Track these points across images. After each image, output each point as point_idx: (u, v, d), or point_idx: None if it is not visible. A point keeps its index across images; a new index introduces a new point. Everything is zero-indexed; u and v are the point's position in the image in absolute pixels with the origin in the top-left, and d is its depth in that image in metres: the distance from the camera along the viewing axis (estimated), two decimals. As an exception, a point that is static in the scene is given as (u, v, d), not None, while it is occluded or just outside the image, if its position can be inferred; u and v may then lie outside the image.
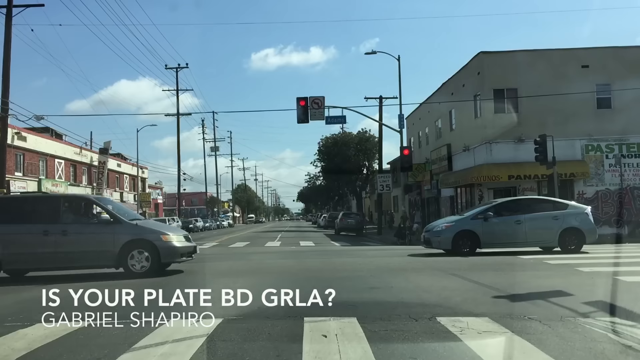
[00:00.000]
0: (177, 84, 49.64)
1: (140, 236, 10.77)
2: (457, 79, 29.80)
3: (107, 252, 10.60)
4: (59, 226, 10.65)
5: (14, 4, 22.75)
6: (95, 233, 10.78)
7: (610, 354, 4.41)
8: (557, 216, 14.25)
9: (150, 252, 10.63)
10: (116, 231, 10.71)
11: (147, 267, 10.60)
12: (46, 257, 10.57)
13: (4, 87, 22.19)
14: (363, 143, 44.97)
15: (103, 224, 10.80)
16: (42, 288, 7.64)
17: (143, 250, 10.64)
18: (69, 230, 10.65)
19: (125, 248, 10.59)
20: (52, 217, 10.76)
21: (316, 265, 12.43)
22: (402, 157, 27.74)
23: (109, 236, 10.66)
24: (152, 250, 10.64)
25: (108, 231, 10.71)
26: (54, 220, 10.71)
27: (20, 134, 32.89)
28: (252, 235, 34.95)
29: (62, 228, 10.64)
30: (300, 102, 23.95)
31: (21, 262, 10.74)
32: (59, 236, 10.56)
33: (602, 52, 25.86)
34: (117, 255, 10.58)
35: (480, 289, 7.94)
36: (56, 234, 10.56)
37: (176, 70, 49.56)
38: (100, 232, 10.75)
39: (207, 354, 4.64)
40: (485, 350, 4.55)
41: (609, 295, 6.98)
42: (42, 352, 4.86)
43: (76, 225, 10.90)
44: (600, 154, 25.31)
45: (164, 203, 72.97)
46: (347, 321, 5.71)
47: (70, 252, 10.55)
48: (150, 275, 10.34)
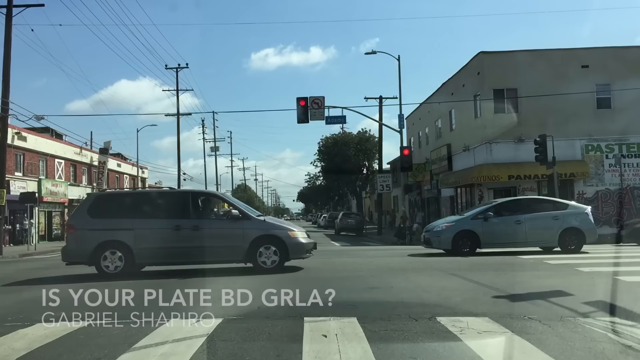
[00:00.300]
0: (177, 84, 49.56)
1: (268, 232, 10.86)
2: (457, 79, 29.81)
3: (237, 248, 10.72)
4: (190, 221, 10.79)
5: (14, 4, 22.74)
6: (226, 228, 10.89)
7: (610, 354, 4.41)
8: (557, 216, 14.25)
9: (278, 247, 10.71)
10: (245, 227, 10.83)
11: (276, 263, 10.68)
12: (177, 252, 10.73)
13: (4, 87, 22.19)
14: (363, 143, 44.97)
15: (233, 219, 10.93)
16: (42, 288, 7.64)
17: (270, 246, 10.71)
18: (200, 226, 10.76)
19: (255, 244, 10.68)
20: (183, 213, 10.90)
21: (316, 265, 12.42)
22: (402, 157, 27.75)
23: (239, 231, 10.77)
24: (280, 246, 10.71)
25: (238, 227, 10.82)
26: (185, 216, 10.85)
27: (20, 134, 32.87)
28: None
29: (194, 223, 10.77)
30: (300, 102, 23.96)
31: (153, 257, 10.86)
32: (190, 231, 10.68)
33: (602, 52, 25.87)
34: (246, 251, 10.69)
35: (480, 289, 7.94)
36: (187, 229, 10.68)
37: (176, 70, 49.49)
38: (230, 227, 10.86)
39: (207, 354, 4.63)
40: (485, 350, 4.55)
41: (609, 295, 6.98)
42: (42, 352, 4.86)
43: (207, 220, 11.11)
44: (600, 154, 25.32)
45: (164, 203, 72.94)
46: (347, 321, 5.71)
47: (201, 247, 10.61)
48: (278, 272, 10.40)
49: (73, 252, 10.89)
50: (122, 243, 10.57)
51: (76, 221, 11.09)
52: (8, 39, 22.28)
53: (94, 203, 11.19)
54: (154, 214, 11.01)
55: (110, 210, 11.03)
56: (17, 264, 17.76)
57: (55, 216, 38.36)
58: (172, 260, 10.96)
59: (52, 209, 37.57)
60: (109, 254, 10.53)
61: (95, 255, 10.54)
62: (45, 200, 35.02)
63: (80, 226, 10.85)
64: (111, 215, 10.89)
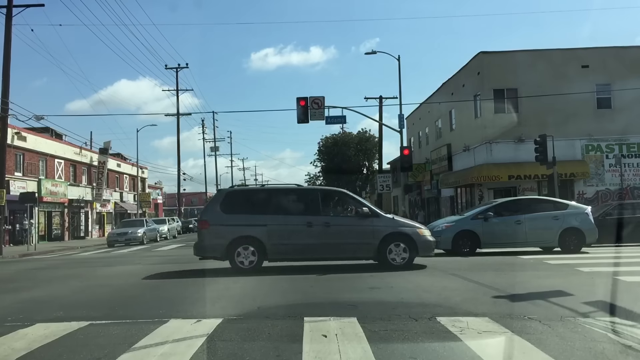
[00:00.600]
0: (177, 84, 49.63)
1: (398, 229, 10.93)
2: (457, 79, 29.81)
3: (367, 245, 10.78)
4: (321, 218, 10.90)
5: (14, 4, 22.77)
6: (356, 225, 10.93)
7: (610, 354, 4.41)
8: (557, 216, 14.25)
9: (407, 245, 10.77)
10: (375, 224, 10.89)
11: (405, 260, 10.73)
12: (308, 248, 10.85)
13: (4, 87, 22.20)
14: (363, 143, 45.01)
15: (362, 216, 10.96)
16: (42, 288, 7.66)
17: (400, 243, 10.77)
18: (331, 223, 10.87)
19: (385, 241, 10.73)
20: (314, 210, 11.02)
21: (316, 265, 12.42)
22: (402, 157, 27.72)
23: (369, 229, 10.83)
24: (409, 244, 10.78)
25: (368, 224, 10.87)
26: (316, 213, 10.96)
27: (20, 134, 32.89)
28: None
29: (325, 220, 10.89)
30: (300, 102, 23.94)
31: (284, 252, 10.98)
32: (321, 228, 10.79)
33: (602, 52, 25.87)
34: (376, 248, 10.75)
35: (480, 289, 7.94)
36: (319, 225, 10.79)
37: (176, 70, 49.56)
38: (361, 224, 10.90)
39: (207, 354, 4.63)
40: (485, 350, 4.55)
41: (609, 295, 6.98)
42: (42, 352, 4.86)
43: (337, 217, 11.18)
44: (600, 154, 25.33)
45: (164, 203, 72.97)
46: (347, 321, 5.71)
47: (332, 243, 10.78)
48: (407, 269, 10.40)
49: (208, 247, 11.03)
50: (256, 239, 10.75)
51: (210, 217, 11.13)
52: (8, 39, 22.30)
53: (226, 199, 11.24)
54: (286, 211, 11.16)
55: (242, 206, 11.15)
56: (17, 264, 17.76)
57: (55, 216, 38.37)
58: (303, 256, 11.11)
59: (52, 209, 37.58)
60: (242, 250, 10.74)
61: (230, 250, 10.73)
62: (45, 200, 35.04)
63: (214, 222, 10.98)
64: (243, 210, 11.03)
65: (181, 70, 49.61)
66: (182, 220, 49.12)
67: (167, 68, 49.83)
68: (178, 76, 49.84)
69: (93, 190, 44.01)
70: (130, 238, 27.76)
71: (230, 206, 11.04)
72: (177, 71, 49.50)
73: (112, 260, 17.12)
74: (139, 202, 49.12)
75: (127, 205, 50.70)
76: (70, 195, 39.45)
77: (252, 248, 10.71)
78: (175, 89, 49.51)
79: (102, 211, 46.84)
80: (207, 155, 73.35)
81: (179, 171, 52.09)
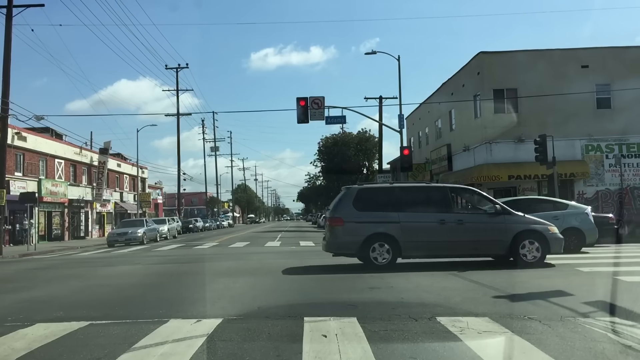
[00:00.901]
0: (177, 84, 49.70)
1: (529, 227, 10.94)
2: (457, 79, 29.81)
3: (499, 242, 10.82)
4: (454, 215, 10.99)
5: (14, 4, 22.77)
6: (488, 223, 10.98)
7: (610, 354, 4.41)
8: (557, 216, 14.24)
9: (539, 242, 10.77)
10: (507, 221, 10.92)
11: (537, 258, 10.71)
12: (442, 245, 10.94)
13: (4, 87, 22.20)
14: (363, 143, 44.96)
15: (494, 214, 11.02)
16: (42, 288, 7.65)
17: (533, 241, 10.76)
18: (463, 220, 10.94)
19: (517, 238, 10.74)
20: (446, 207, 11.11)
21: (316, 265, 12.42)
22: (402, 157, 27.72)
23: (502, 226, 10.87)
24: (541, 241, 10.79)
25: (500, 221, 10.92)
26: (448, 210, 11.06)
27: (20, 134, 32.88)
28: (252, 236, 34.94)
29: (458, 217, 10.96)
30: (300, 102, 23.94)
31: (418, 249, 11.04)
32: (454, 225, 10.83)
33: (602, 52, 25.86)
34: (508, 245, 10.76)
35: (480, 289, 7.94)
36: (452, 223, 10.84)
37: (176, 70, 49.61)
38: (493, 222, 10.95)
39: (207, 354, 4.63)
40: (485, 350, 4.55)
41: (609, 295, 6.98)
42: (42, 352, 4.86)
43: (469, 215, 11.33)
44: (600, 154, 25.33)
45: (164, 203, 72.91)
46: (347, 321, 5.70)
47: (465, 240, 10.84)
48: (538, 267, 10.45)
49: (342, 244, 11.13)
50: (390, 236, 10.81)
51: (343, 214, 11.14)
52: (8, 39, 22.30)
53: (357, 196, 11.28)
54: (418, 208, 11.18)
55: (373, 203, 11.21)
56: (17, 264, 17.76)
57: (55, 216, 38.37)
58: (436, 253, 11.19)
59: (52, 209, 37.57)
60: (377, 246, 10.81)
61: (364, 247, 10.80)
62: (45, 200, 35.04)
63: (349, 219, 11.01)
64: (376, 208, 11.10)
65: (181, 70, 49.76)
66: (182, 220, 49.06)
67: (167, 68, 49.94)
68: (178, 76, 49.94)
69: (93, 190, 44.00)
70: (130, 238, 27.75)
71: (362, 203, 11.14)
72: (177, 71, 49.60)
73: (112, 260, 17.12)
74: (139, 202, 49.10)
75: (127, 205, 50.68)
76: (71, 195, 39.44)
77: (387, 245, 10.79)
78: (176, 89, 49.58)
79: (102, 211, 46.83)
80: (207, 155, 73.58)
81: (179, 171, 52.15)
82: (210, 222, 59.81)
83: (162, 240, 31.92)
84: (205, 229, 53.81)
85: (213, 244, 24.70)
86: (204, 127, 65.85)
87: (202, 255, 17.64)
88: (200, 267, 12.86)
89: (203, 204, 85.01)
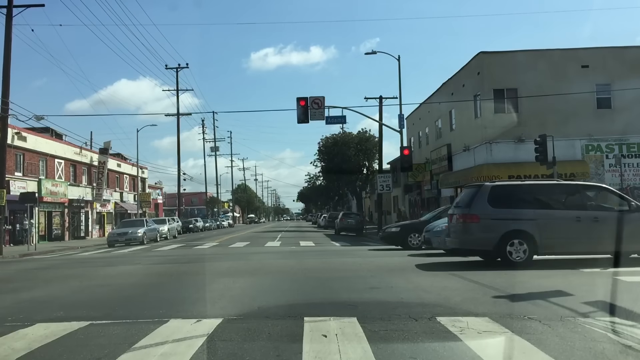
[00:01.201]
0: (177, 84, 49.71)
1: None
2: (457, 79, 29.81)
3: (637, 238, 10.83)
4: (589, 213, 11.04)
5: (14, 4, 22.77)
6: (624, 219, 10.93)
7: (610, 354, 4.41)
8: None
9: None
10: None
11: None
12: (579, 242, 10.96)
13: (4, 87, 22.20)
14: (363, 143, 44.88)
15: (629, 211, 11.07)
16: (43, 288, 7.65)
17: None
18: (599, 217, 10.98)
19: None
20: (579, 204, 11.23)
21: (316, 265, 12.42)
22: (402, 157, 27.71)
23: (637, 223, 10.88)
24: None
25: (636, 218, 10.93)
26: (582, 207, 11.15)
27: (20, 134, 32.88)
28: (252, 236, 34.95)
29: (594, 215, 11.01)
30: (300, 102, 23.94)
31: (554, 247, 11.13)
32: (590, 222, 10.89)
33: (602, 52, 25.86)
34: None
35: (480, 289, 7.94)
36: (588, 220, 10.91)
37: (176, 70, 49.62)
38: (628, 218, 10.90)
39: (207, 354, 4.63)
40: (485, 350, 4.55)
41: (609, 295, 6.98)
42: (42, 352, 4.86)
43: (603, 212, 11.25)
44: (600, 154, 25.32)
45: (164, 203, 72.91)
46: (347, 321, 5.71)
47: (602, 237, 10.72)
48: None
49: (477, 240, 11.24)
50: (526, 233, 10.85)
51: (479, 210, 11.21)
52: (8, 39, 22.30)
53: (491, 193, 11.35)
54: (552, 205, 11.34)
55: (507, 200, 11.26)
56: (17, 264, 17.77)
57: (55, 216, 38.37)
58: (573, 250, 11.27)
59: (52, 209, 37.57)
60: (517, 243, 10.85)
61: (501, 244, 10.85)
62: (45, 200, 35.03)
63: (485, 215, 11.09)
64: (510, 205, 11.16)
65: (181, 70, 49.76)
66: (182, 220, 49.06)
67: (167, 68, 49.93)
68: (178, 76, 49.93)
69: (93, 190, 44.00)
70: (130, 238, 27.76)
71: (497, 201, 11.19)
72: (177, 71, 49.60)
73: (112, 260, 17.11)
74: (139, 202, 49.10)
75: (127, 205, 50.67)
76: (71, 195, 39.44)
77: (524, 242, 10.82)
78: (176, 89, 49.59)
79: (102, 211, 46.83)
80: (207, 155, 73.47)
81: (179, 171, 52.16)
82: (210, 222, 59.84)
83: (162, 240, 31.93)
84: (205, 229, 53.83)
85: (213, 244, 24.70)
86: (204, 127, 65.89)
87: (202, 255, 17.65)
88: (200, 267, 12.85)
89: (203, 204, 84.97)
